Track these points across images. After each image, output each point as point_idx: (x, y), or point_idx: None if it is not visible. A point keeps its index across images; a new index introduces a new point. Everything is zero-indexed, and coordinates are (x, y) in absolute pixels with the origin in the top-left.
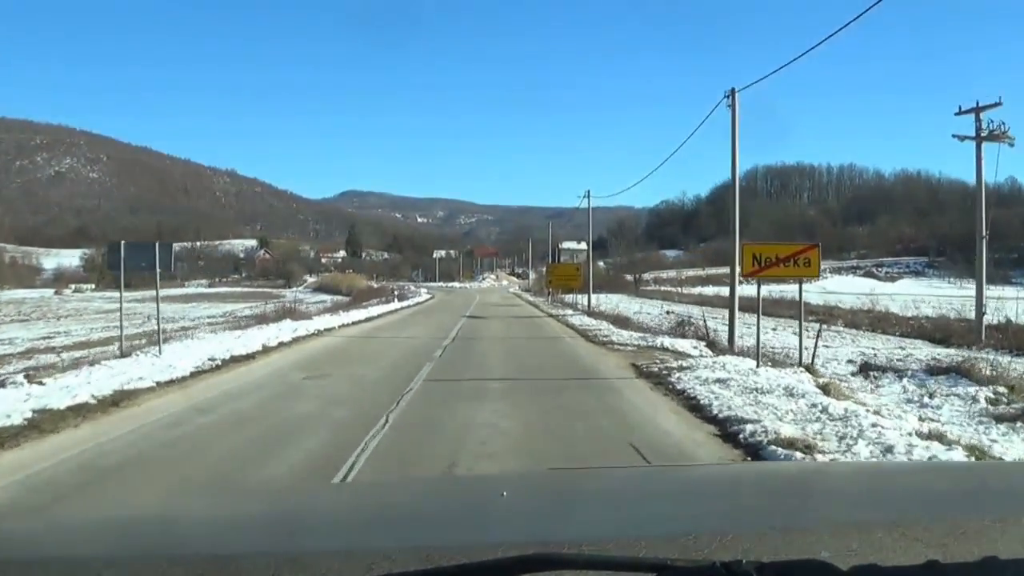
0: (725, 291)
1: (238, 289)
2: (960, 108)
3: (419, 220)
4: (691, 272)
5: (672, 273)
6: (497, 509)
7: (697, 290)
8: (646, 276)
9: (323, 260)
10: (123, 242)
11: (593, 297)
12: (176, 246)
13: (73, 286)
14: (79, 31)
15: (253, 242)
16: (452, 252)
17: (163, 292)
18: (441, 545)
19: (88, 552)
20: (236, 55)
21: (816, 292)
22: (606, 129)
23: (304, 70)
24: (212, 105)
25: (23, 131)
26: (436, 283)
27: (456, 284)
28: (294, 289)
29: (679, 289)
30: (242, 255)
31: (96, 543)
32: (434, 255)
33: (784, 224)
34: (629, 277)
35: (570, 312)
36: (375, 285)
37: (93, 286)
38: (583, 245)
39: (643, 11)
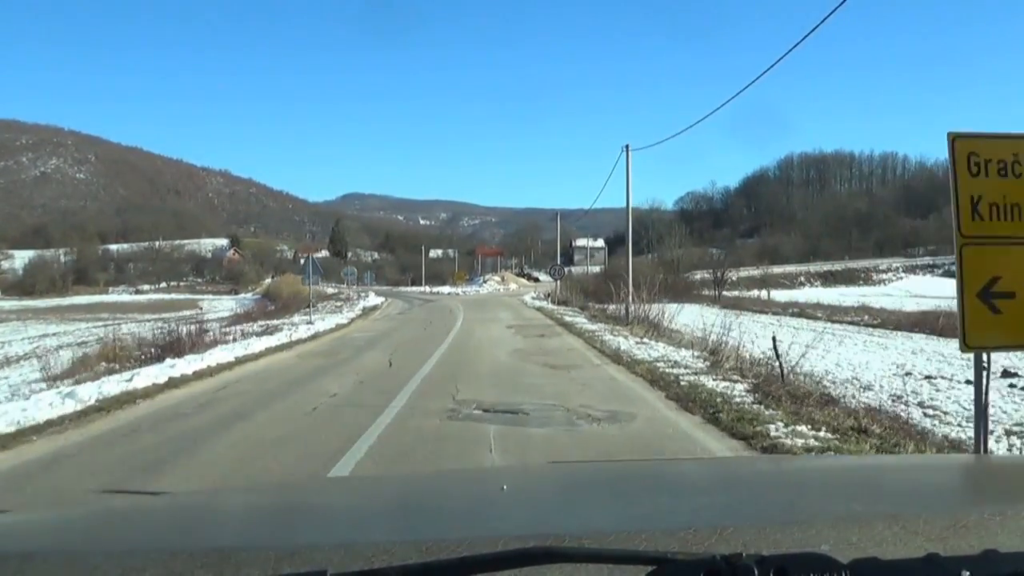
0: (826, 295)
1: (164, 296)
2: None
3: (421, 222)
4: (744, 272)
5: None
6: (497, 502)
7: (800, 295)
8: (695, 276)
9: (301, 261)
10: None
11: (665, 311)
12: (131, 247)
13: None
14: (73, 29)
15: (224, 241)
16: (450, 251)
17: (57, 301)
18: (441, 538)
19: (87, 545)
20: (232, 55)
21: (900, 296)
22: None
23: (304, 72)
24: (207, 106)
25: (8, 131)
26: (419, 288)
27: (445, 289)
28: (239, 296)
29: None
30: (209, 255)
31: (95, 536)
32: (430, 254)
33: (838, 216)
34: (697, 276)
35: None
36: (329, 291)
37: None
38: (600, 243)
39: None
